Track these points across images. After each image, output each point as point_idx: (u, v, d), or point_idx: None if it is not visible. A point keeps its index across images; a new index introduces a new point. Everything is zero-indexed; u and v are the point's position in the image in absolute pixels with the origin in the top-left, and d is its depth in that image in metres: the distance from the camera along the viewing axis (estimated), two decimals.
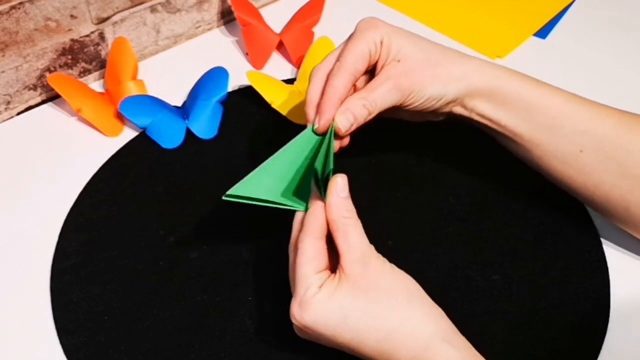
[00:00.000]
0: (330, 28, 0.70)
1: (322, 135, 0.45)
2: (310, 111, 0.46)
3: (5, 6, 0.55)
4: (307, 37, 0.68)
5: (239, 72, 0.63)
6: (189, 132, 0.59)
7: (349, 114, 0.44)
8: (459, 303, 0.47)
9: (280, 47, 0.68)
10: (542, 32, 0.71)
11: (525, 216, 0.52)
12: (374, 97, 0.45)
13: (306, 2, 0.71)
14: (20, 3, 0.56)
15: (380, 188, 0.54)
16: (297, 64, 0.66)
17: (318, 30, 0.70)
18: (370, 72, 0.47)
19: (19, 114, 0.62)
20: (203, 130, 0.59)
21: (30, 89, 0.61)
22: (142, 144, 0.58)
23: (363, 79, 0.48)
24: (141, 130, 0.59)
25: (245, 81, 0.62)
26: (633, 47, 0.69)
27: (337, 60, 0.45)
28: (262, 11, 0.71)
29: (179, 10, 0.67)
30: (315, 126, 0.45)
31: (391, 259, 0.49)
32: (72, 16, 0.60)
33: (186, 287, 0.48)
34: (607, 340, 0.45)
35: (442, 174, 0.55)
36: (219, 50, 0.69)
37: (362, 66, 0.45)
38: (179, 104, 0.62)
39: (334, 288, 0.38)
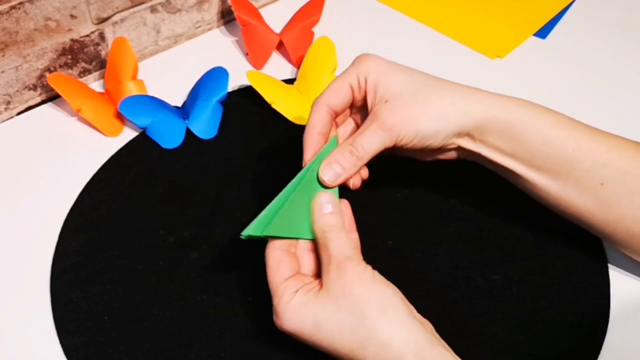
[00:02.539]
0: (330, 28, 0.70)
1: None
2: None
3: (5, 6, 0.55)
4: (307, 37, 0.68)
5: (239, 72, 0.63)
6: (189, 132, 0.59)
7: (334, 165, 0.44)
8: (459, 303, 0.47)
9: (280, 47, 0.68)
10: (542, 32, 0.71)
11: (525, 216, 0.52)
12: (361, 141, 0.44)
13: (306, 2, 0.71)
14: (20, 3, 0.56)
15: (381, 188, 0.54)
16: (297, 64, 0.66)
17: (318, 30, 0.70)
18: (365, 113, 0.47)
19: (19, 114, 0.62)
20: (203, 130, 0.59)
21: (30, 89, 0.61)
22: (142, 144, 0.58)
23: (352, 122, 0.48)
24: (141, 130, 0.59)
25: (245, 81, 0.62)
26: (633, 47, 0.69)
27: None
28: (262, 11, 0.71)
29: (179, 10, 0.67)
30: (303, 163, 0.45)
31: (391, 259, 0.50)
32: (72, 16, 0.60)
33: (186, 287, 0.48)
34: (607, 340, 0.45)
35: (442, 175, 0.55)
36: (219, 50, 0.69)
37: (339, 100, 0.45)
38: (179, 104, 0.62)
39: (311, 295, 0.39)
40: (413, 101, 0.44)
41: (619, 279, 0.49)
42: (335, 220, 0.42)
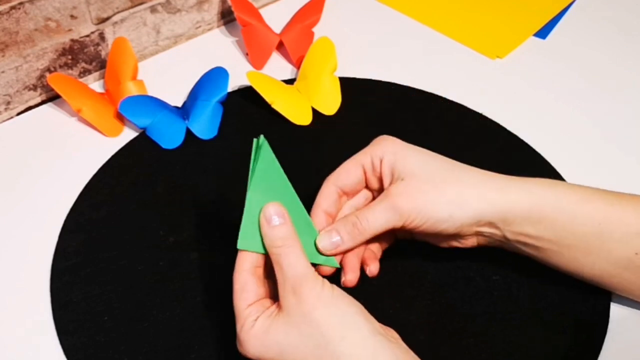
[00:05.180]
0: (330, 28, 0.70)
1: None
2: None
3: (5, 6, 0.55)
4: (307, 37, 0.68)
5: (239, 72, 0.63)
6: (189, 133, 0.59)
7: (333, 233, 0.43)
8: (459, 303, 0.47)
9: (280, 47, 0.68)
10: (542, 32, 0.71)
11: None
12: (367, 215, 0.43)
13: (306, 3, 0.71)
14: (20, 3, 0.56)
15: None
16: (297, 64, 0.67)
17: (318, 31, 0.70)
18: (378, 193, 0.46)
19: (19, 114, 0.62)
20: (203, 130, 0.59)
21: (30, 89, 0.61)
22: (142, 144, 0.58)
23: (367, 199, 0.47)
24: (141, 130, 0.59)
25: (245, 81, 0.62)
26: (633, 47, 0.69)
27: None
28: (262, 11, 0.71)
29: (179, 10, 0.67)
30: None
31: (391, 259, 0.50)
32: (72, 16, 0.60)
33: (186, 287, 0.48)
34: (607, 340, 0.45)
35: None
36: (219, 50, 0.69)
37: (348, 181, 0.45)
38: (179, 104, 0.62)
39: (271, 321, 0.38)
40: (429, 184, 0.43)
41: None
42: (285, 232, 0.39)
